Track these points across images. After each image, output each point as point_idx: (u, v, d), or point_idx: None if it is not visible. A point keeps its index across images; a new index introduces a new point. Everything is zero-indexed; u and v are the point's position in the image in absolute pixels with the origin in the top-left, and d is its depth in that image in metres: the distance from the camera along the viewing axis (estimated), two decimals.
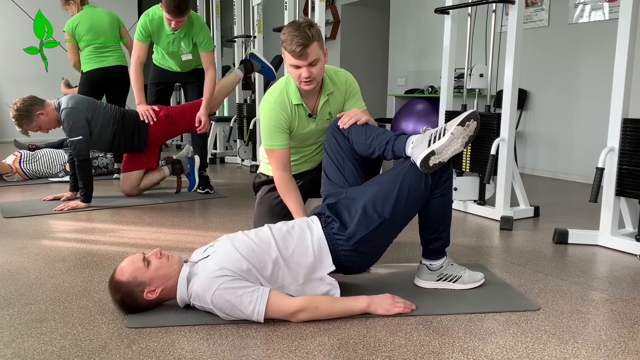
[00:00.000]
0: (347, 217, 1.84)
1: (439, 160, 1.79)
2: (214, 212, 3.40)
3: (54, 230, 2.90)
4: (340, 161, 2.02)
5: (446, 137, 1.77)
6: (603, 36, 4.57)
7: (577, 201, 3.90)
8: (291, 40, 2.00)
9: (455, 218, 3.30)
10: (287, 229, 1.84)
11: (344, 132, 2.01)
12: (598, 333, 1.68)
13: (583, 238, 2.74)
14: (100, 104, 3.60)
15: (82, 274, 2.19)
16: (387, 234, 1.88)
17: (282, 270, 1.75)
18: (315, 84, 2.13)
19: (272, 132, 2.22)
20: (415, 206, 1.88)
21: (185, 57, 3.84)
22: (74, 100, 3.45)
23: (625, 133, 2.58)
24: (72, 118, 3.37)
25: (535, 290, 2.06)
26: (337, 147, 2.03)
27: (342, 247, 1.81)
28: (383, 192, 1.83)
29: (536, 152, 5.30)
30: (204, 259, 1.75)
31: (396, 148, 1.89)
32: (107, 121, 3.54)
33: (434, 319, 1.76)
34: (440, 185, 1.88)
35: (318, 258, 1.79)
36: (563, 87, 5.00)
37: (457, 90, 5.22)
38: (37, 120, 3.35)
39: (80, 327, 1.68)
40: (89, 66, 4.35)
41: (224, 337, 1.61)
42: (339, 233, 1.82)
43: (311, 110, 2.27)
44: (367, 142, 1.96)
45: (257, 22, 5.40)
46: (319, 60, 2.07)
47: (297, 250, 1.78)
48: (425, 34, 6.41)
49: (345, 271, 1.90)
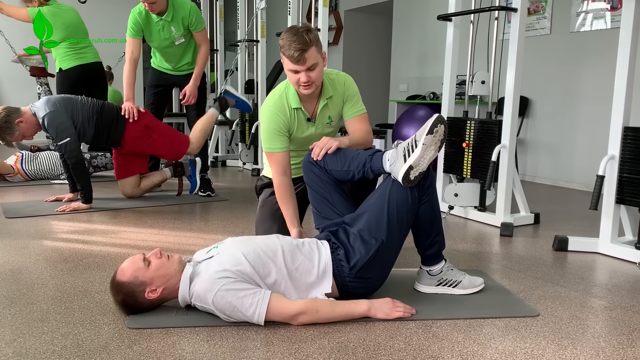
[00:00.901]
0: (348, 245, 1.85)
1: (419, 171, 1.81)
2: (215, 215, 3.41)
3: (56, 231, 2.91)
4: (327, 195, 2.03)
5: (419, 148, 1.79)
6: (604, 45, 4.59)
7: (577, 209, 3.91)
8: (289, 45, 2.02)
9: (456, 224, 3.31)
10: (297, 243, 1.86)
11: (319, 164, 2.01)
12: (597, 340, 1.68)
13: (583, 245, 2.75)
14: (76, 98, 3.54)
15: (84, 275, 2.20)
16: (388, 254, 1.89)
17: (285, 282, 1.76)
18: (314, 88, 2.15)
19: (271, 135, 2.24)
20: (409, 220, 1.89)
21: (178, 41, 3.84)
22: (50, 103, 3.38)
23: (625, 141, 2.59)
24: (56, 122, 3.32)
25: (535, 296, 2.06)
26: (319, 180, 2.04)
27: (347, 275, 1.83)
28: (374, 216, 1.85)
29: (537, 160, 5.31)
30: (207, 260, 1.77)
31: (374, 168, 1.92)
32: (87, 113, 3.49)
33: (433, 323, 1.77)
34: (424, 192, 1.90)
35: (319, 279, 1.80)
36: (564, 95, 5.01)
37: (459, 96, 5.24)
38: (18, 129, 3.31)
39: (81, 327, 1.69)
40: (67, 64, 4.27)
41: (225, 339, 1.62)
42: (343, 260, 1.83)
43: (310, 115, 2.28)
44: (344, 169, 1.98)
45: (261, 26, 5.42)
46: (317, 65, 2.09)
47: (303, 266, 1.79)
48: (428, 41, 6.44)
49: (349, 296, 1.86)
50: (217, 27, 6.37)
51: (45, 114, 3.33)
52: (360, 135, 2.26)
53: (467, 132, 3.42)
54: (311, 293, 1.80)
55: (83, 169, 3.42)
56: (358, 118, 2.32)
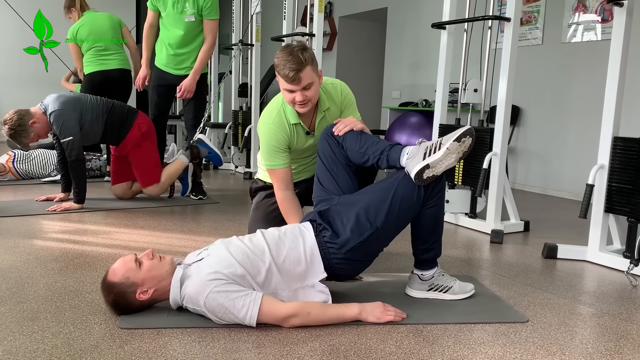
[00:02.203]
0: (339, 225, 1.85)
1: (433, 173, 1.81)
2: (207, 218, 3.41)
3: (46, 231, 2.90)
4: (334, 168, 2.02)
5: (442, 151, 1.79)
6: (595, 56, 4.65)
7: (567, 217, 3.95)
8: (284, 65, 2.00)
9: (447, 230, 3.33)
10: (280, 234, 1.86)
11: (338, 139, 2.01)
12: (585, 346, 1.70)
13: (572, 253, 2.78)
14: (85, 97, 3.56)
15: (74, 275, 2.19)
16: (379, 242, 1.90)
17: (275, 277, 1.77)
18: (310, 107, 2.13)
19: (272, 153, 2.22)
20: (408, 217, 1.90)
21: (188, 18, 3.80)
22: (59, 101, 3.40)
23: (615, 151, 2.62)
24: (62, 119, 3.35)
25: (524, 302, 2.08)
26: (331, 153, 2.03)
27: (334, 255, 1.83)
28: (376, 201, 1.86)
29: (527, 168, 5.36)
30: (197, 262, 1.77)
31: (391, 158, 1.91)
32: (97, 113, 3.52)
33: (424, 327, 1.78)
34: (432, 196, 1.90)
35: (310, 265, 1.81)
36: (555, 104, 5.07)
37: (452, 104, 5.28)
38: (32, 130, 3.33)
39: (72, 327, 1.69)
40: (90, 69, 4.37)
41: (216, 340, 1.62)
42: (331, 241, 1.83)
43: (308, 128, 2.27)
44: (361, 151, 1.97)
45: (256, 30, 5.44)
46: (312, 84, 2.06)
47: (290, 257, 1.80)
48: (421, 48, 6.49)
49: (337, 278, 1.92)
50: None
51: (53, 111, 3.36)
52: None
53: None
54: (307, 280, 1.80)
55: (82, 169, 3.42)
56: None
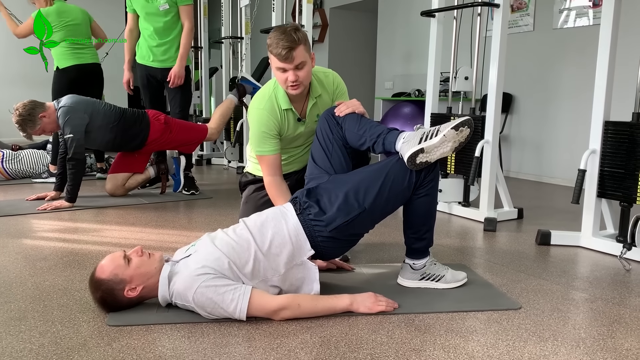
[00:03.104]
0: (326, 202, 1.83)
1: (426, 159, 1.80)
2: (199, 213, 3.39)
3: (36, 230, 2.87)
4: (329, 146, 2.02)
5: (438, 137, 1.78)
6: (587, 41, 4.63)
7: (560, 203, 3.94)
8: (277, 44, 1.99)
9: (440, 219, 3.31)
10: (262, 221, 1.84)
11: (338, 119, 2.01)
12: (577, 331, 1.69)
13: (565, 239, 2.77)
14: (99, 103, 3.63)
15: (64, 273, 2.17)
16: (365, 224, 1.89)
17: (263, 264, 1.74)
18: (302, 88, 2.12)
19: (262, 139, 2.21)
20: (396, 202, 1.89)
21: (163, 7, 3.84)
22: (73, 99, 3.50)
23: (606, 135, 2.61)
24: (68, 115, 3.41)
25: (517, 289, 2.07)
26: (329, 132, 2.02)
27: (319, 233, 1.81)
28: (366, 182, 1.84)
29: (521, 156, 5.35)
30: (185, 258, 1.75)
31: (387, 142, 1.90)
32: (108, 120, 3.57)
33: (416, 317, 1.77)
34: (424, 185, 1.89)
35: (296, 245, 1.79)
36: (548, 91, 5.05)
37: (444, 93, 5.26)
38: (40, 123, 3.39)
39: (60, 325, 1.67)
40: (65, 62, 4.27)
41: (206, 335, 1.60)
42: (316, 219, 1.81)
43: (300, 114, 2.26)
44: (359, 132, 1.96)
45: (245, 23, 5.40)
46: (305, 64, 2.05)
47: (275, 241, 1.77)
48: (413, 38, 6.45)
49: (322, 257, 1.90)
50: (202, 24, 6.33)
51: (64, 106, 3.44)
52: None
53: None
54: (295, 260, 1.78)
55: (79, 168, 3.42)
56: None
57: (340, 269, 2.21)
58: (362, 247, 2.61)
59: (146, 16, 3.90)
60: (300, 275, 1.79)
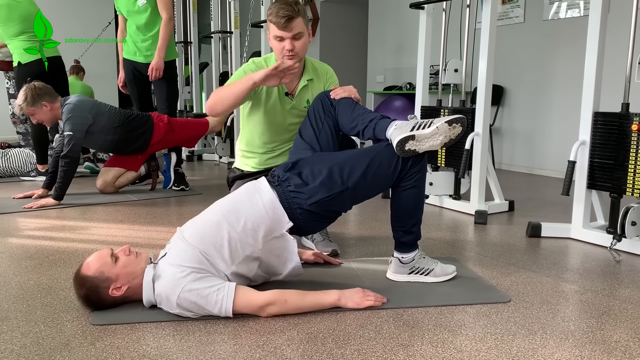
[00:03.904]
0: (308, 174, 1.81)
1: (415, 147, 1.79)
2: (189, 209, 3.36)
3: (22, 228, 2.83)
4: (319, 124, 2.03)
5: (431, 129, 1.78)
6: (577, 32, 4.62)
7: (551, 195, 3.94)
8: (277, 12, 2.06)
9: (431, 212, 3.30)
10: (234, 199, 1.81)
11: (332, 101, 2.03)
12: (567, 324, 1.68)
13: (556, 231, 2.76)
14: (105, 106, 3.65)
15: (49, 272, 2.14)
16: (344, 203, 1.87)
17: (240, 243, 1.71)
18: (297, 60, 2.14)
19: (238, 74, 2.21)
20: (380, 186, 1.87)
21: (141, 2, 3.88)
22: (80, 98, 3.55)
23: (596, 126, 2.60)
24: (71, 113, 3.44)
25: (507, 282, 2.06)
26: (321, 111, 2.04)
27: (299, 206, 1.79)
28: (352, 161, 1.83)
29: (513, 148, 5.34)
30: (163, 257, 1.71)
31: (378, 127, 1.90)
32: (112, 123, 3.59)
33: (404, 311, 1.75)
34: (411, 175, 1.87)
35: (274, 218, 1.76)
36: (539, 83, 5.04)
37: (435, 86, 5.24)
38: (38, 107, 3.44)
39: (42, 325, 1.64)
40: (27, 57, 4.11)
41: (191, 333, 1.58)
42: (297, 190, 1.79)
43: (291, 92, 2.29)
44: (352, 116, 1.97)
45: (234, 17, 5.35)
46: (302, 35, 2.12)
47: (250, 217, 1.74)
48: (404, 31, 6.43)
49: (299, 231, 1.87)
50: (191, 19, 6.27)
51: (69, 103, 3.48)
52: None
53: None
54: (274, 233, 1.75)
55: (72, 167, 3.39)
56: None
57: (327, 264, 2.19)
58: (352, 242, 2.59)
59: (128, 14, 3.96)
60: (280, 244, 1.78)
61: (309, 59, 2.34)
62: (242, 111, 2.39)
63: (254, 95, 2.25)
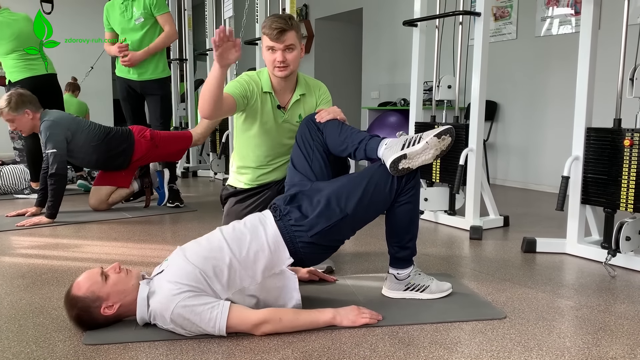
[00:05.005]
0: (307, 207, 1.81)
1: (409, 165, 1.79)
2: (183, 226, 3.35)
3: (15, 247, 2.81)
4: (310, 152, 2.02)
5: (421, 144, 1.78)
6: (569, 49, 4.67)
7: (546, 210, 3.94)
8: (270, 24, 2.08)
9: (426, 228, 3.30)
10: (239, 227, 1.80)
11: (319, 125, 2.02)
12: (562, 340, 1.67)
13: (551, 246, 2.76)
14: (85, 122, 3.61)
15: (41, 291, 2.12)
16: (346, 230, 1.86)
17: (239, 272, 1.70)
18: (289, 72, 2.16)
19: (231, 84, 2.22)
20: (377, 208, 1.87)
21: (138, 20, 3.87)
22: (57, 114, 3.52)
23: (589, 142, 2.62)
24: (50, 130, 3.40)
25: (503, 298, 2.05)
26: (309, 138, 2.03)
27: (300, 239, 1.78)
28: (349, 187, 1.83)
29: (507, 163, 5.36)
30: (159, 274, 1.70)
31: (369, 148, 1.90)
32: (91, 139, 3.55)
33: (400, 329, 1.74)
34: (406, 192, 1.87)
35: (275, 253, 1.76)
36: (532, 98, 5.08)
37: (428, 102, 5.27)
38: (20, 115, 3.42)
39: (34, 345, 1.62)
40: (17, 76, 4.09)
41: (185, 353, 1.56)
42: (297, 224, 1.79)
43: (283, 105, 2.30)
44: (341, 138, 1.97)
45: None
46: (295, 48, 2.13)
47: (252, 248, 1.74)
48: (397, 48, 6.48)
49: (302, 263, 1.86)
50: (186, 36, 6.31)
51: (47, 120, 3.45)
52: None
53: None
54: (273, 269, 1.74)
55: (61, 184, 3.37)
56: None
57: (322, 281, 2.18)
58: (347, 258, 2.58)
59: (123, 31, 3.95)
60: (279, 284, 1.76)
61: (302, 75, 2.35)
62: (236, 123, 2.39)
63: (248, 107, 2.25)
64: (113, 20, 3.96)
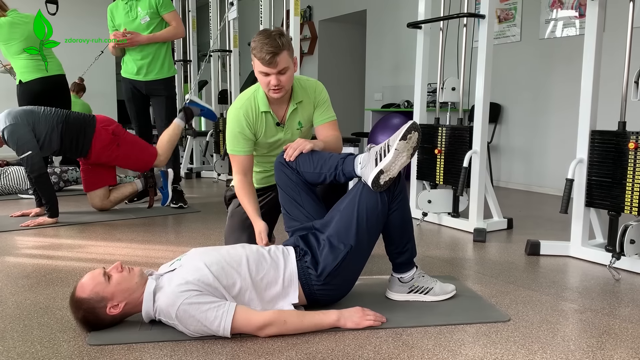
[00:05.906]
0: (317, 251, 1.83)
1: (389, 177, 1.79)
2: (187, 227, 3.35)
3: (20, 247, 2.82)
4: (297, 196, 2.00)
5: (391, 153, 1.77)
6: (574, 51, 4.66)
7: (550, 213, 3.94)
8: (261, 48, 2.02)
9: (430, 230, 3.30)
10: (263, 252, 1.82)
11: (291, 164, 1.99)
12: (567, 343, 1.67)
13: (554, 249, 2.76)
14: (38, 110, 3.45)
15: (46, 291, 2.12)
16: (357, 260, 1.86)
17: (249, 292, 1.72)
18: (284, 93, 2.14)
19: (235, 138, 2.23)
20: (378, 226, 1.87)
21: (144, 20, 3.86)
22: (11, 116, 3.32)
23: (593, 145, 2.61)
24: (16, 135, 3.26)
25: (506, 301, 2.05)
26: (289, 182, 2.01)
27: (314, 282, 1.80)
28: (343, 221, 1.83)
29: (511, 165, 5.35)
30: (170, 272, 1.71)
31: (346, 171, 1.90)
32: (51, 124, 3.40)
33: (404, 331, 1.74)
34: (395, 199, 1.88)
35: (285, 289, 1.77)
36: (536, 100, 5.08)
37: (432, 104, 5.27)
38: None
39: (39, 345, 1.63)
40: (28, 76, 4.01)
41: (189, 354, 1.57)
42: (311, 267, 1.80)
43: (280, 119, 2.27)
44: (316, 171, 1.95)
45: (233, 36, 5.40)
46: (288, 69, 2.09)
47: (268, 276, 1.76)
48: (401, 49, 6.48)
49: (318, 304, 1.85)
50: (190, 38, 6.33)
51: (5, 127, 3.26)
52: (333, 141, 2.25)
53: (438, 139, 3.43)
54: (277, 304, 1.76)
55: (46, 183, 3.33)
56: (329, 124, 2.31)
57: None
58: None
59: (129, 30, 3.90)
60: None
61: (296, 79, 2.28)
62: None
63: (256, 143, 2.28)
64: (117, 19, 3.94)
